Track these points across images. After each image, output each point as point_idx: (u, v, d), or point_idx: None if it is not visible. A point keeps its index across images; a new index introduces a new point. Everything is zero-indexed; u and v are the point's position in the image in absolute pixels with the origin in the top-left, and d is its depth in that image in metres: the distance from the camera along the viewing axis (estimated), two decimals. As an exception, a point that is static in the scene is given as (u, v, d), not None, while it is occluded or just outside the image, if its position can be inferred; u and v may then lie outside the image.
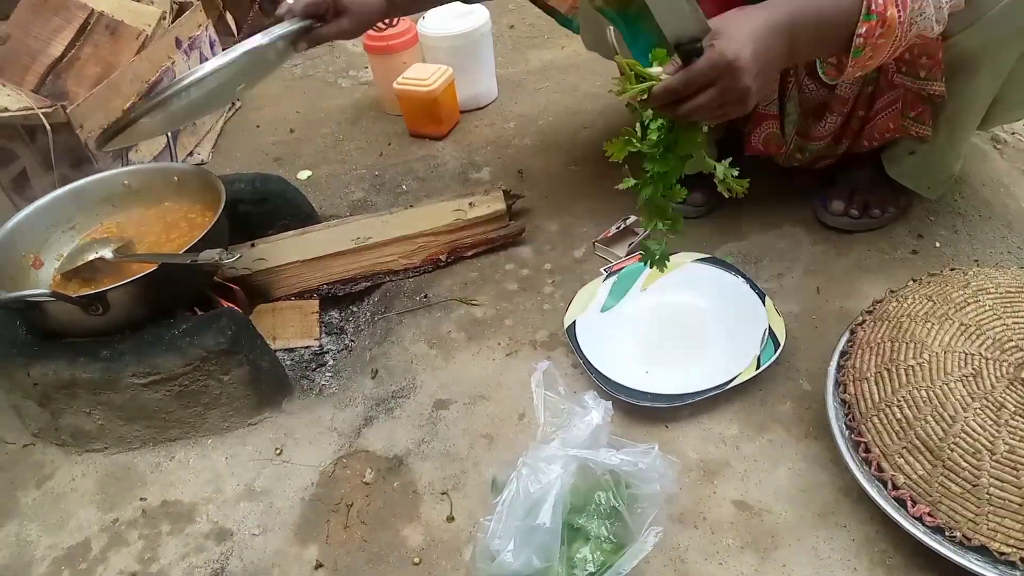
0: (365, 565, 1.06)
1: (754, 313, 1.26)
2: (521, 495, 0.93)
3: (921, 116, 1.27)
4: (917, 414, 0.97)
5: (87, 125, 1.65)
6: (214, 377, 1.22)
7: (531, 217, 1.62)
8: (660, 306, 1.34)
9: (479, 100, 2.06)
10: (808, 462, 1.10)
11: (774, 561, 0.99)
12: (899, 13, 0.98)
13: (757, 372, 1.17)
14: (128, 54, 1.83)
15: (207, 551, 1.11)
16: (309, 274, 1.47)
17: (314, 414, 1.28)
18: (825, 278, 1.37)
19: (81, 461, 1.27)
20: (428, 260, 1.52)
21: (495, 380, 1.29)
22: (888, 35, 1.00)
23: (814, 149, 1.41)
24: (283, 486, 1.18)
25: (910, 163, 1.35)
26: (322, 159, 1.96)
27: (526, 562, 0.90)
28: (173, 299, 1.31)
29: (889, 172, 1.38)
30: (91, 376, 1.19)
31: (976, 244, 1.39)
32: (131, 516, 1.18)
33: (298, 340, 1.41)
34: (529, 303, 1.42)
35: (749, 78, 0.92)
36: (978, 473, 0.91)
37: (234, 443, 1.25)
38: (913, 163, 1.35)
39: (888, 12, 0.98)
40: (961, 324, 1.04)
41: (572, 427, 1.00)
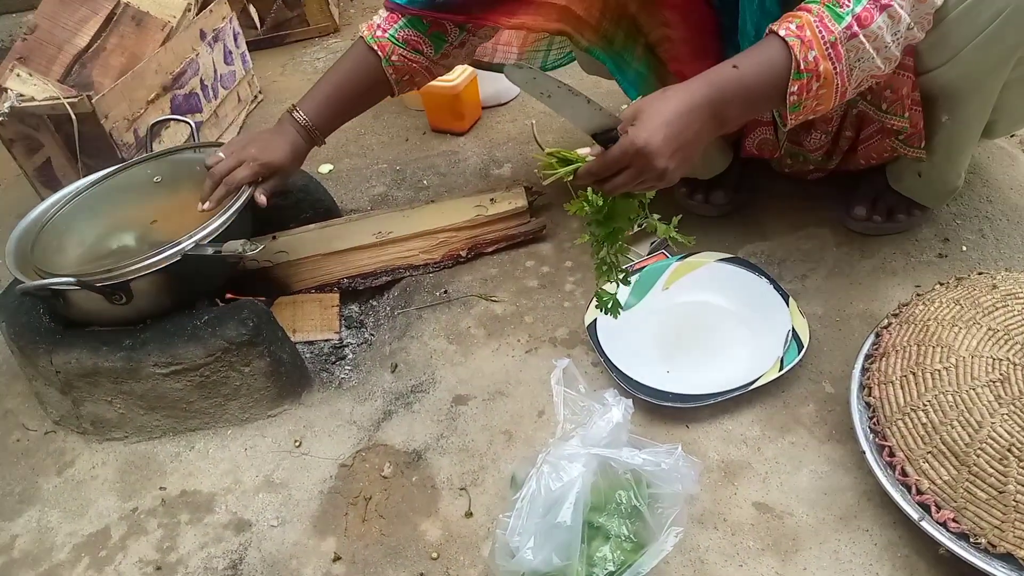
0: (383, 559, 1.06)
1: (777, 314, 1.25)
2: (542, 492, 0.92)
3: (909, 140, 1.25)
4: (943, 419, 0.96)
5: (112, 115, 1.66)
6: (235, 368, 1.22)
7: (552, 214, 1.61)
8: (682, 305, 1.33)
9: (501, 96, 2.05)
10: (831, 465, 1.09)
11: (795, 564, 0.98)
12: (833, 65, 1.00)
13: (780, 374, 1.16)
14: (153, 45, 1.84)
15: (225, 541, 1.12)
16: (330, 267, 1.48)
17: (333, 407, 1.28)
18: (849, 280, 1.36)
19: (101, 449, 1.28)
20: (448, 256, 1.52)
21: (514, 376, 1.28)
22: (828, 86, 1.02)
23: (806, 158, 1.40)
24: (302, 478, 1.18)
25: (911, 179, 1.35)
26: (343, 153, 1.96)
27: (546, 560, 0.90)
28: (195, 289, 1.31)
29: (893, 185, 1.38)
30: (113, 365, 1.20)
31: (1003, 248, 1.37)
32: (150, 505, 1.18)
33: (318, 333, 1.41)
34: (549, 300, 1.41)
35: (662, 161, 0.96)
36: (1005, 479, 0.90)
37: (254, 434, 1.26)
38: (914, 179, 1.34)
39: (821, 67, 1.00)
40: (989, 329, 1.02)
41: (592, 424, 0.99)
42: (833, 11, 0.99)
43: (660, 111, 0.97)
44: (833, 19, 0.99)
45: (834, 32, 0.98)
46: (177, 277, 1.22)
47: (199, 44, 1.96)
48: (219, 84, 2.05)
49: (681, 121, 0.97)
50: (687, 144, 0.99)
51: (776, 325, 1.23)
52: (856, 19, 0.99)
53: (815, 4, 1.01)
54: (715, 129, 1.02)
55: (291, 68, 2.46)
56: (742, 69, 1.00)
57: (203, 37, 1.98)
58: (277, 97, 2.28)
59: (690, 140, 0.99)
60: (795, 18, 1.01)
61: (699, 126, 0.99)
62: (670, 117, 0.97)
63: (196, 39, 1.96)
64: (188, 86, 1.90)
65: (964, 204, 1.46)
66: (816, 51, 0.99)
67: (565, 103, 0.97)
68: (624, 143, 0.96)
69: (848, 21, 0.99)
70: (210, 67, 2.00)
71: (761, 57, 1.01)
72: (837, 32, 0.98)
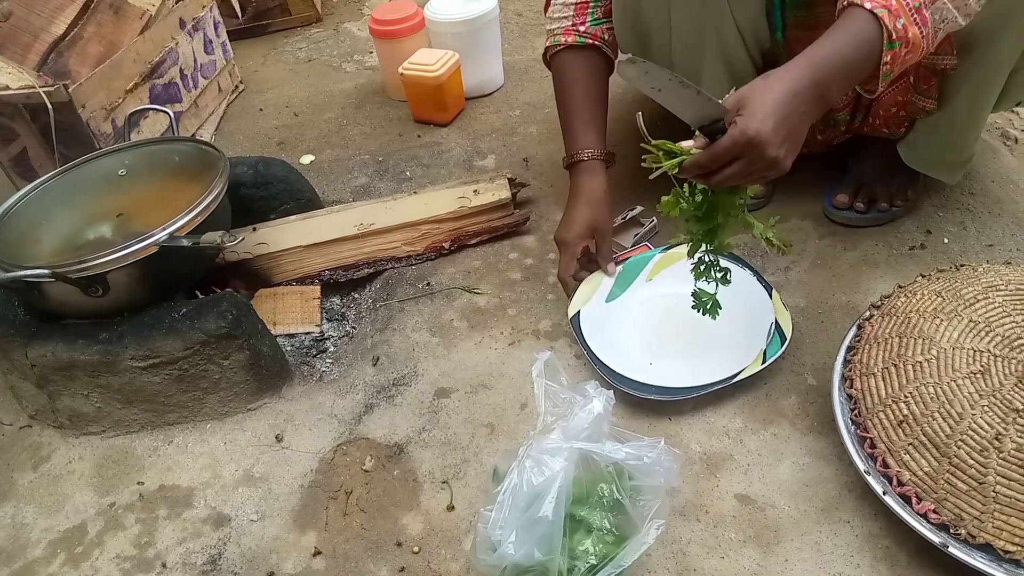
0: (364, 553, 1.05)
1: (761, 306, 1.25)
2: (524, 487, 0.92)
3: (929, 90, 1.25)
4: (924, 410, 0.96)
5: (89, 105, 1.63)
6: (214, 361, 1.21)
7: (536, 206, 1.60)
8: (666, 297, 1.32)
9: (485, 87, 2.04)
10: (812, 457, 1.09)
11: (776, 556, 0.98)
12: (921, 30, 1.00)
13: (763, 367, 1.16)
14: (131, 34, 1.81)
15: (204, 536, 1.10)
16: (311, 259, 1.46)
17: (314, 400, 1.27)
18: (832, 272, 1.36)
19: (78, 444, 1.26)
20: (431, 247, 1.51)
21: (497, 369, 1.28)
22: (915, 51, 1.02)
23: (836, 120, 1.39)
24: (282, 472, 1.17)
25: (927, 147, 1.33)
26: (325, 144, 1.95)
27: (527, 554, 0.89)
28: (174, 281, 1.30)
29: (906, 160, 1.36)
30: (90, 358, 1.18)
31: (985, 240, 1.38)
32: (128, 500, 1.17)
33: (299, 326, 1.40)
34: (533, 292, 1.41)
35: (774, 149, 0.94)
36: (985, 471, 0.90)
37: (233, 428, 1.24)
38: (930, 146, 1.32)
39: (910, 33, 0.99)
40: (970, 321, 1.03)
41: (573, 416, 0.99)
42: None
43: (767, 99, 0.95)
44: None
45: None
46: (154, 269, 1.20)
47: (179, 33, 1.93)
48: (199, 74, 2.02)
49: (789, 107, 0.96)
50: (796, 129, 0.98)
51: (759, 317, 1.23)
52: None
53: None
54: (820, 110, 1.01)
55: (273, 58, 2.44)
56: (839, 46, 0.99)
57: (183, 26, 1.95)
58: (258, 87, 2.26)
59: (798, 125, 0.98)
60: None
61: (806, 108, 0.98)
62: (778, 104, 0.95)
63: (176, 28, 1.93)
64: (167, 75, 1.88)
65: (946, 196, 1.46)
66: (904, 18, 0.98)
67: (675, 95, 0.93)
68: (734, 133, 0.93)
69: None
70: (190, 56, 1.97)
71: (854, 30, 0.99)
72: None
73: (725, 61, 1.29)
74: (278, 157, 1.68)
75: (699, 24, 1.25)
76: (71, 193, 1.37)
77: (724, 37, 1.25)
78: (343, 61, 2.37)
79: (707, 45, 1.26)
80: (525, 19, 2.41)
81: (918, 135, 1.33)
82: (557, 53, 1.40)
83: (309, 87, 2.23)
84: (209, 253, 1.32)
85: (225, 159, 1.32)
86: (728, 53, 1.28)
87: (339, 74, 2.29)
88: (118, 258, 1.16)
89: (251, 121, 2.10)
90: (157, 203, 1.30)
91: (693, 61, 1.31)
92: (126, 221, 1.33)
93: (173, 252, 1.19)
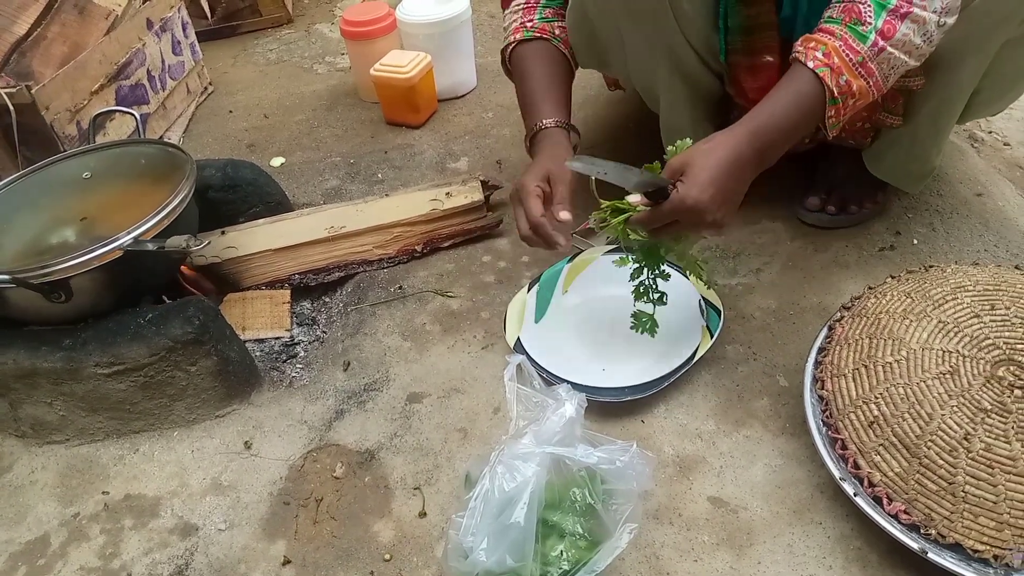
0: (334, 561, 1.04)
1: (680, 288, 1.26)
2: (496, 492, 0.91)
3: (896, 108, 1.26)
4: (894, 411, 0.97)
5: (53, 106, 1.60)
6: (181, 368, 1.19)
7: (509, 209, 1.59)
8: (588, 303, 1.33)
9: (457, 89, 2.03)
10: (785, 458, 1.09)
11: (749, 558, 0.98)
12: (867, 81, 1.05)
13: (713, 341, 1.18)
14: (97, 34, 1.78)
15: (171, 546, 1.08)
16: (281, 263, 1.44)
17: (284, 407, 1.25)
18: (803, 274, 1.36)
19: (41, 453, 1.23)
20: (403, 250, 1.49)
21: (470, 373, 1.27)
22: (865, 98, 1.07)
23: None
24: (251, 480, 1.15)
25: (891, 159, 1.35)
26: (296, 146, 1.92)
27: (499, 560, 0.88)
28: (139, 286, 1.27)
29: (871, 169, 1.38)
30: (52, 365, 1.16)
31: (953, 242, 1.39)
32: (93, 510, 1.14)
33: (268, 331, 1.38)
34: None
35: (711, 215, 1.00)
36: (954, 471, 0.91)
37: (201, 436, 1.22)
38: (894, 158, 1.34)
39: (855, 87, 1.04)
40: (939, 321, 1.03)
41: (545, 420, 0.98)
42: (856, 31, 1.03)
43: (707, 167, 1.00)
44: (857, 40, 1.03)
45: (861, 52, 1.03)
46: (119, 274, 1.18)
47: (146, 34, 1.90)
48: (167, 75, 1.99)
49: (729, 175, 1.01)
50: (734, 193, 1.04)
51: (685, 299, 1.26)
52: (880, 34, 1.03)
53: (836, 25, 1.05)
54: (758, 170, 1.07)
55: (243, 59, 2.41)
56: (780, 109, 1.05)
57: (150, 26, 1.92)
58: (228, 89, 2.23)
59: (736, 189, 1.04)
60: (820, 45, 1.04)
61: (745, 174, 1.05)
62: (717, 173, 1.00)
63: (143, 28, 1.90)
64: (134, 77, 1.85)
65: (915, 198, 1.47)
66: (847, 75, 1.04)
67: (619, 175, 1.02)
68: (675, 200, 0.99)
69: (872, 39, 1.03)
70: (157, 57, 1.94)
71: (795, 92, 1.05)
72: (864, 51, 1.03)
73: (683, 75, 1.30)
74: (248, 159, 1.66)
75: (650, 42, 1.26)
76: (34, 196, 1.34)
77: (677, 53, 1.26)
78: (314, 62, 2.35)
79: (660, 62, 1.27)
80: (498, 21, 2.40)
81: (882, 147, 1.35)
82: (511, 51, 1.39)
83: (280, 89, 2.21)
84: (175, 257, 1.30)
85: (192, 161, 1.30)
86: (684, 68, 1.29)
87: (310, 76, 2.27)
88: (81, 263, 1.13)
89: (220, 123, 2.07)
90: (122, 206, 1.28)
91: (648, 77, 1.32)
92: (90, 225, 1.30)
93: (138, 256, 1.16)
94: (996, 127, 1.72)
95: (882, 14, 1.02)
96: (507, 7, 1.44)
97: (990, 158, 1.61)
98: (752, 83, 1.26)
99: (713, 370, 1.22)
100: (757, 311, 1.30)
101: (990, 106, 1.32)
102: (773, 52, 1.21)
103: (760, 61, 1.23)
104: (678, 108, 1.36)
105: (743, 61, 1.25)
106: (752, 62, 1.24)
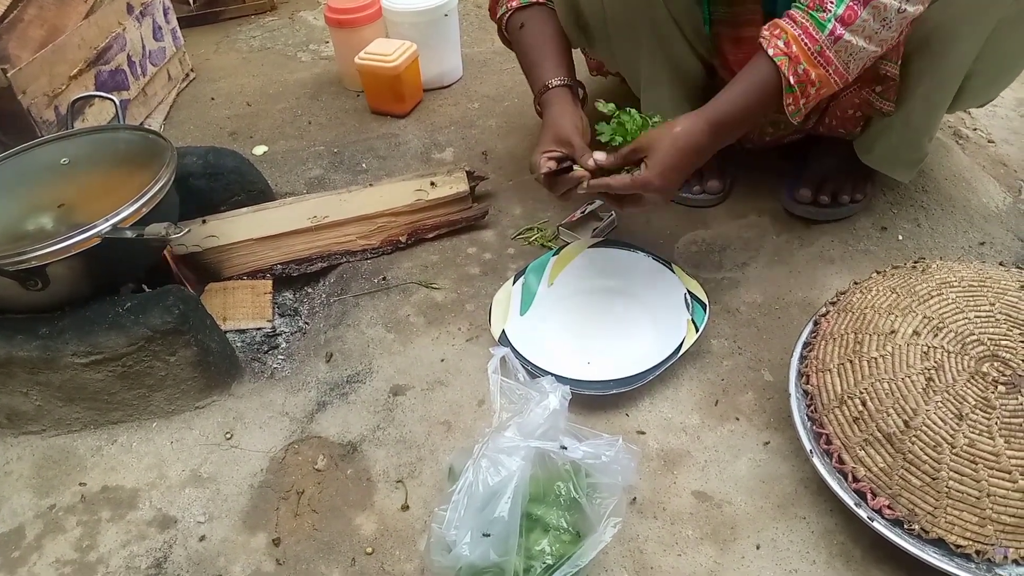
0: (315, 555, 1.02)
1: (666, 281, 1.26)
2: (479, 486, 0.90)
3: (886, 92, 1.26)
4: (879, 406, 0.97)
5: (30, 91, 1.56)
6: (160, 358, 1.17)
7: (495, 200, 1.58)
8: (573, 295, 1.32)
9: (443, 79, 2.01)
10: (769, 453, 1.09)
11: (733, 553, 0.98)
12: (826, 69, 1.07)
13: (699, 335, 1.18)
14: (76, 18, 1.74)
15: (149, 539, 1.07)
16: (263, 253, 1.42)
17: (265, 398, 1.24)
18: (789, 268, 1.36)
19: (17, 444, 1.21)
20: (387, 241, 1.48)
21: (454, 366, 1.26)
22: (827, 86, 1.09)
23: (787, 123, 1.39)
24: (231, 472, 1.14)
25: (882, 146, 1.34)
26: (279, 134, 1.90)
27: (483, 555, 0.87)
28: (118, 275, 1.25)
29: (862, 157, 1.37)
30: (28, 355, 1.13)
31: (938, 237, 1.40)
32: (69, 502, 1.13)
33: (250, 321, 1.36)
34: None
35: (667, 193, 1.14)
36: (938, 467, 0.91)
37: (180, 427, 1.21)
38: (886, 146, 1.34)
39: (813, 75, 1.07)
40: (924, 317, 1.03)
41: (529, 412, 0.97)
42: (815, 19, 1.05)
43: (670, 154, 1.09)
44: (816, 27, 1.05)
45: (819, 40, 1.05)
46: (97, 261, 1.15)
47: (126, 18, 1.87)
48: (148, 61, 1.96)
49: (687, 162, 1.11)
50: (688, 173, 1.14)
51: (670, 292, 1.26)
52: (839, 21, 1.04)
53: (799, 12, 1.07)
54: (715, 150, 1.14)
55: (225, 46, 2.38)
56: (739, 96, 1.11)
57: (130, 11, 1.89)
58: (210, 76, 2.20)
59: (691, 170, 1.13)
60: (783, 33, 1.07)
61: (701, 158, 1.13)
62: (678, 161, 1.10)
63: (123, 13, 1.86)
64: (114, 62, 1.81)
65: (900, 194, 1.48)
66: (805, 63, 1.07)
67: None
68: (640, 181, 1.10)
69: (831, 27, 1.04)
70: (138, 43, 1.91)
71: (755, 78, 1.10)
72: (822, 40, 1.05)
73: (666, 55, 1.31)
74: (230, 147, 1.63)
75: (633, 16, 1.26)
76: (10, 182, 1.30)
77: (659, 28, 1.26)
78: (298, 50, 2.32)
79: (643, 36, 1.28)
80: (484, 11, 2.38)
81: (873, 135, 1.34)
82: (509, 18, 1.38)
83: (263, 76, 2.18)
84: (155, 245, 1.27)
85: (172, 148, 1.28)
86: (666, 43, 1.29)
87: (294, 63, 2.24)
88: (58, 250, 1.11)
89: (202, 110, 2.04)
90: (101, 193, 1.25)
91: (631, 51, 1.32)
92: (68, 212, 1.27)
93: (116, 244, 1.14)
94: (981, 124, 1.73)
95: (844, 0, 1.04)
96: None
97: (975, 155, 1.61)
98: (736, 54, 1.28)
99: (698, 364, 1.22)
100: (743, 305, 1.30)
101: (982, 90, 1.30)
102: (756, 24, 1.20)
103: (744, 33, 1.24)
104: (659, 89, 1.36)
105: (727, 32, 1.26)
106: (736, 33, 1.25)
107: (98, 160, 1.33)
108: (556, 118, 1.22)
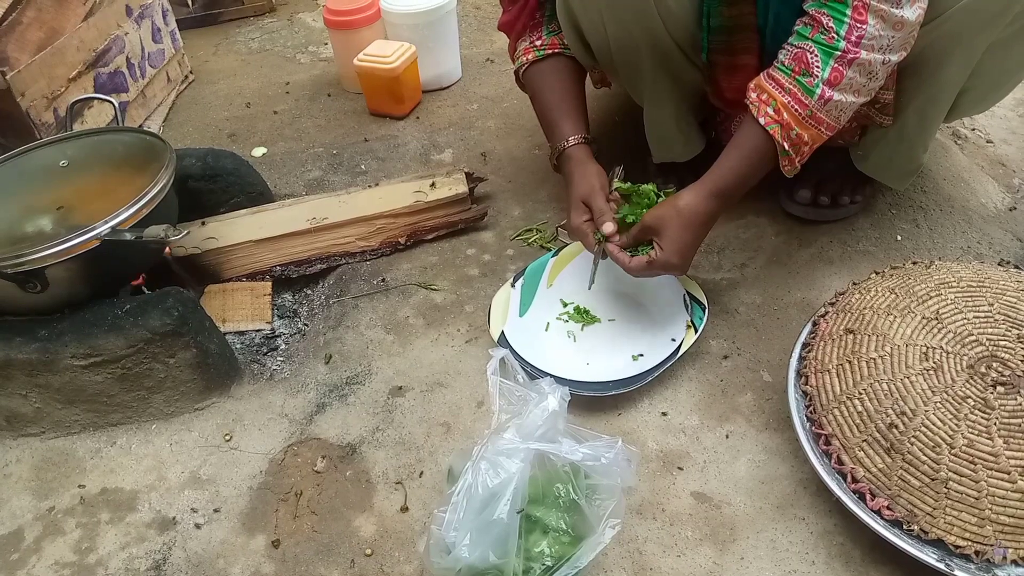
0: (315, 556, 1.02)
1: (665, 284, 1.26)
2: (479, 488, 0.90)
3: (884, 108, 1.26)
4: (878, 407, 0.97)
5: (29, 93, 1.57)
6: (159, 360, 1.17)
7: (494, 201, 1.58)
8: (572, 297, 1.32)
9: (442, 80, 2.01)
10: (768, 454, 1.09)
11: (732, 554, 0.98)
12: (819, 128, 1.09)
13: (697, 336, 1.18)
14: (74, 20, 1.74)
15: (149, 541, 1.07)
16: (262, 255, 1.42)
17: (264, 400, 1.24)
18: (787, 269, 1.36)
19: (16, 446, 1.21)
20: (386, 243, 1.48)
21: (453, 367, 1.26)
22: (818, 140, 1.12)
23: None
24: (230, 474, 1.14)
25: (877, 156, 1.35)
26: (278, 136, 1.90)
27: (482, 556, 0.88)
28: (117, 277, 1.25)
29: (858, 165, 1.38)
30: (27, 357, 1.14)
31: (937, 238, 1.40)
32: (68, 504, 1.13)
33: (249, 323, 1.36)
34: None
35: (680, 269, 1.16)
36: (937, 467, 0.91)
37: (179, 429, 1.21)
38: (881, 156, 1.34)
39: (806, 136, 1.10)
40: (923, 317, 1.03)
41: (528, 414, 0.97)
42: (803, 85, 1.07)
43: (680, 232, 1.12)
44: (805, 94, 1.07)
45: (808, 106, 1.07)
46: (96, 264, 1.16)
47: (125, 20, 1.87)
48: (147, 63, 1.96)
49: (698, 233, 1.15)
50: (699, 244, 1.17)
51: (670, 294, 1.26)
52: (827, 84, 1.06)
53: (786, 76, 1.08)
54: (720, 215, 1.17)
55: (224, 48, 2.38)
56: (736, 164, 1.14)
57: (129, 13, 1.89)
58: (209, 78, 2.20)
59: (701, 240, 1.17)
60: (770, 99, 1.09)
61: (709, 227, 1.17)
62: (690, 236, 1.13)
63: (122, 15, 1.86)
64: (113, 64, 1.81)
65: (899, 195, 1.48)
66: (797, 128, 1.09)
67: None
68: (655, 263, 1.13)
69: (819, 91, 1.06)
70: (137, 45, 1.91)
71: (749, 145, 1.13)
72: (812, 104, 1.07)
73: (667, 70, 1.31)
74: (229, 149, 1.63)
75: (634, 39, 1.26)
76: (9, 185, 1.31)
77: (661, 49, 1.26)
78: (297, 52, 2.32)
79: (644, 58, 1.28)
80: (483, 12, 2.39)
81: (869, 143, 1.35)
82: (525, 71, 1.41)
83: (262, 78, 2.18)
84: (154, 248, 1.28)
85: (172, 150, 1.28)
86: (668, 63, 1.29)
87: (293, 65, 2.25)
88: (57, 252, 1.11)
89: (201, 112, 2.04)
90: (100, 195, 1.25)
91: (633, 71, 1.32)
92: (67, 214, 1.27)
93: (115, 246, 1.14)
94: (979, 124, 1.73)
95: (830, 63, 1.05)
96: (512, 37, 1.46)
97: (973, 155, 1.62)
98: (730, 82, 1.27)
99: (697, 365, 1.22)
100: (741, 306, 1.30)
101: (977, 105, 1.32)
102: (752, 53, 1.21)
103: (739, 61, 1.24)
104: (662, 102, 1.36)
105: (723, 60, 1.25)
106: (732, 62, 1.25)
107: (97, 162, 1.33)
108: (579, 180, 1.26)
